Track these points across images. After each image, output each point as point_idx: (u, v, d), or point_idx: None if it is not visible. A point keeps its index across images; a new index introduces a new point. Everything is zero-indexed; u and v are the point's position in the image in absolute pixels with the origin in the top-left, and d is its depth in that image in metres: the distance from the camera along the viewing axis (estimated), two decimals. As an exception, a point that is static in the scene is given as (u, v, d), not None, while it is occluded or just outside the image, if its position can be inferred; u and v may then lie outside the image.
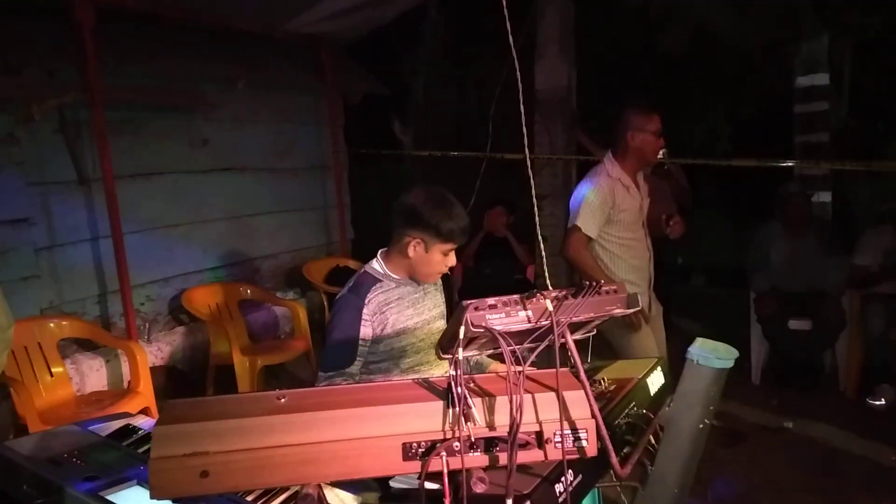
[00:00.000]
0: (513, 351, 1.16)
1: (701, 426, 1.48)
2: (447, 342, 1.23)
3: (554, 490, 1.24)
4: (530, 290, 1.23)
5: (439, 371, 2.07)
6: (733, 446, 3.42)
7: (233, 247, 4.82)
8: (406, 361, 2.06)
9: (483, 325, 1.17)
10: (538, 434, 1.17)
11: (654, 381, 1.77)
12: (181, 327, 4.32)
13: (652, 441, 1.57)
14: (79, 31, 3.36)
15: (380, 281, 2.05)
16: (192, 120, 4.44)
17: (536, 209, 2.41)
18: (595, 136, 5.15)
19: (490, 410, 1.16)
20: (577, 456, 1.20)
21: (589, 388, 1.20)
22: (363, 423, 1.14)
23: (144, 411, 3.10)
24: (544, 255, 2.56)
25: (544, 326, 1.21)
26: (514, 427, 1.13)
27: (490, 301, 1.19)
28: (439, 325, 2.16)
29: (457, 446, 1.13)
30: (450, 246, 1.98)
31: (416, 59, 6.98)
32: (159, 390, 3.51)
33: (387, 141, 6.74)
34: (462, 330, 1.15)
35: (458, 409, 1.12)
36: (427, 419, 1.15)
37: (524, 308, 1.20)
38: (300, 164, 5.43)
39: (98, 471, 1.47)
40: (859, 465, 3.23)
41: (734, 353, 1.46)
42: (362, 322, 1.97)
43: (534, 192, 2.37)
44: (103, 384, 3.64)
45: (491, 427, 1.16)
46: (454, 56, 7.14)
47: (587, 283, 1.24)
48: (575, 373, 1.22)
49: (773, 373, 4.33)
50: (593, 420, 1.19)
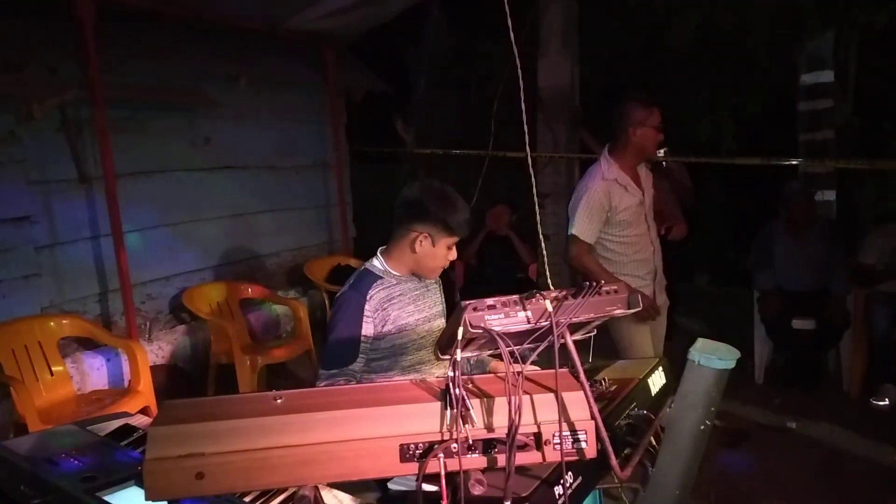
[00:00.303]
0: (511, 351, 1.15)
1: (702, 427, 1.46)
2: (446, 342, 1.22)
3: (553, 492, 1.23)
4: (532, 289, 1.22)
5: (440, 370, 2.06)
6: (736, 446, 3.41)
7: (234, 245, 4.81)
8: (408, 359, 2.05)
9: (482, 325, 1.16)
10: (537, 435, 1.16)
11: (656, 381, 1.75)
12: (182, 326, 4.32)
13: (653, 442, 1.56)
14: (80, 29, 3.35)
15: (381, 278, 2.04)
16: (193, 118, 4.43)
17: (538, 207, 2.39)
18: (597, 134, 5.13)
19: (488, 412, 1.15)
20: (577, 458, 1.18)
21: (588, 389, 1.19)
22: (360, 424, 1.12)
23: (144, 410, 3.09)
24: (545, 253, 2.55)
25: (544, 327, 1.20)
26: (513, 428, 1.11)
27: (489, 301, 1.18)
28: (440, 322, 2.15)
29: (454, 448, 1.12)
30: (455, 239, 2.00)
31: (419, 56, 6.97)
32: (160, 389, 3.51)
33: (389, 139, 6.73)
34: (461, 331, 1.14)
35: (455, 411, 1.11)
36: (425, 420, 1.13)
37: (523, 308, 1.19)
38: (302, 163, 5.42)
39: (95, 471, 1.46)
40: (863, 465, 3.22)
41: (736, 354, 1.45)
42: (364, 319, 1.96)
43: (535, 191, 2.35)
44: (104, 383, 3.64)
45: (489, 428, 1.14)
46: (457, 53, 7.12)
47: (587, 283, 1.23)
48: (574, 374, 1.21)
49: (776, 372, 4.31)
50: (593, 421, 1.18)
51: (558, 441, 1.16)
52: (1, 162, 3.35)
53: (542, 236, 2.54)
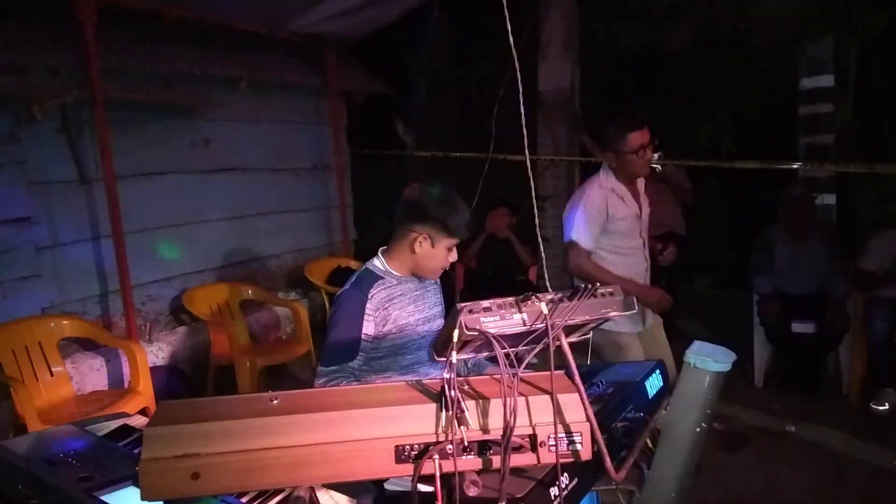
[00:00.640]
0: (507, 354, 1.15)
1: (698, 430, 1.47)
2: (441, 345, 1.23)
3: (548, 494, 1.23)
4: (532, 292, 1.23)
5: (439, 370, 2.07)
6: (735, 450, 3.41)
7: (234, 247, 4.82)
8: (407, 358, 2.06)
9: (477, 327, 1.16)
10: (532, 437, 1.16)
11: (653, 384, 1.75)
12: (182, 327, 4.33)
13: (649, 444, 1.56)
14: (81, 31, 3.37)
15: (382, 278, 2.05)
16: (193, 120, 4.45)
17: (537, 210, 2.40)
18: (598, 137, 5.13)
19: (484, 413, 1.15)
20: (572, 459, 1.18)
21: (584, 391, 1.19)
22: (356, 425, 1.13)
23: (144, 411, 3.10)
24: (544, 256, 2.55)
25: (539, 329, 1.20)
26: (508, 430, 1.12)
27: (484, 304, 1.18)
28: (439, 323, 2.16)
29: (450, 449, 1.12)
30: (454, 241, 2.01)
31: (420, 59, 6.97)
32: (159, 390, 3.52)
33: (389, 141, 6.74)
34: (456, 333, 1.14)
35: (451, 412, 1.11)
36: (420, 422, 1.14)
37: (519, 311, 1.19)
38: (302, 165, 5.43)
39: (93, 471, 1.47)
40: (862, 469, 3.21)
41: (732, 357, 1.45)
42: (365, 317, 1.97)
43: (534, 194, 2.36)
44: (104, 384, 3.64)
45: (484, 430, 1.15)
46: (458, 56, 7.13)
47: (583, 285, 1.23)
48: (570, 375, 1.21)
49: (776, 376, 4.31)
50: (588, 423, 1.18)
51: (553, 443, 1.16)
52: (1, 163, 3.37)
53: (541, 239, 2.54)
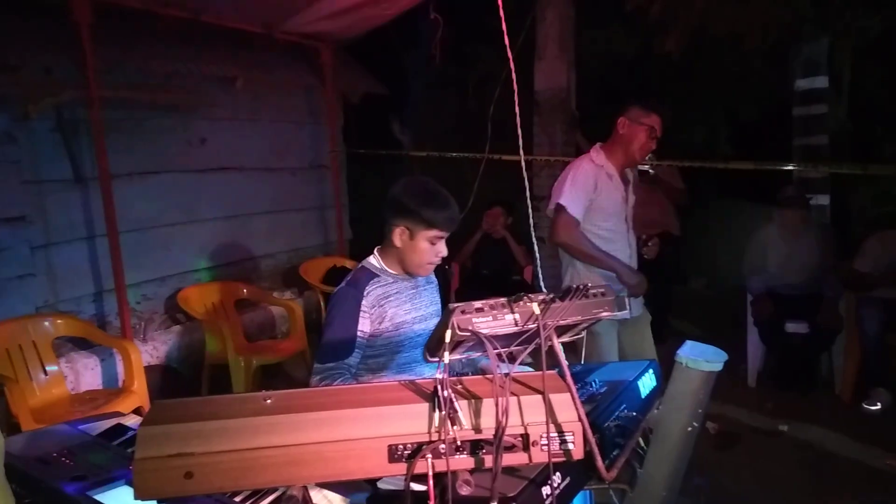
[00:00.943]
0: (499, 354, 1.16)
1: (689, 429, 1.48)
2: (434, 345, 1.23)
3: (541, 492, 1.24)
4: (528, 292, 1.23)
5: (433, 368, 2.07)
6: (727, 449, 3.42)
7: (230, 246, 4.82)
8: (403, 356, 2.06)
9: (469, 328, 1.17)
10: (524, 436, 1.17)
11: (646, 383, 1.76)
12: (177, 326, 4.32)
13: (641, 443, 1.57)
14: (76, 29, 3.36)
15: (378, 276, 2.05)
16: (189, 119, 4.44)
17: (533, 210, 2.41)
18: (593, 138, 5.13)
19: (476, 413, 1.16)
20: (564, 459, 1.19)
21: (575, 390, 1.20)
22: (349, 424, 1.13)
23: (138, 410, 3.10)
24: (538, 256, 2.55)
25: (531, 329, 1.21)
26: (500, 430, 1.12)
27: (477, 304, 1.19)
28: (436, 321, 2.16)
29: (442, 448, 1.13)
30: (434, 233, 1.97)
31: (416, 59, 6.97)
32: (154, 390, 3.51)
33: (386, 141, 6.74)
34: (448, 333, 1.15)
35: (444, 412, 1.12)
36: (413, 421, 1.14)
37: (511, 311, 1.20)
38: (298, 164, 5.43)
39: (86, 470, 1.47)
40: (854, 468, 3.23)
41: (723, 357, 1.46)
42: (361, 314, 1.97)
43: (528, 194, 2.36)
44: (98, 383, 3.64)
45: (477, 430, 1.15)
46: (454, 56, 7.13)
47: (574, 286, 1.24)
48: (562, 375, 1.22)
49: (769, 375, 4.33)
50: (580, 423, 1.19)
51: (546, 442, 1.17)
52: (-4, 162, 3.37)
53: (537, 239, 2.54)
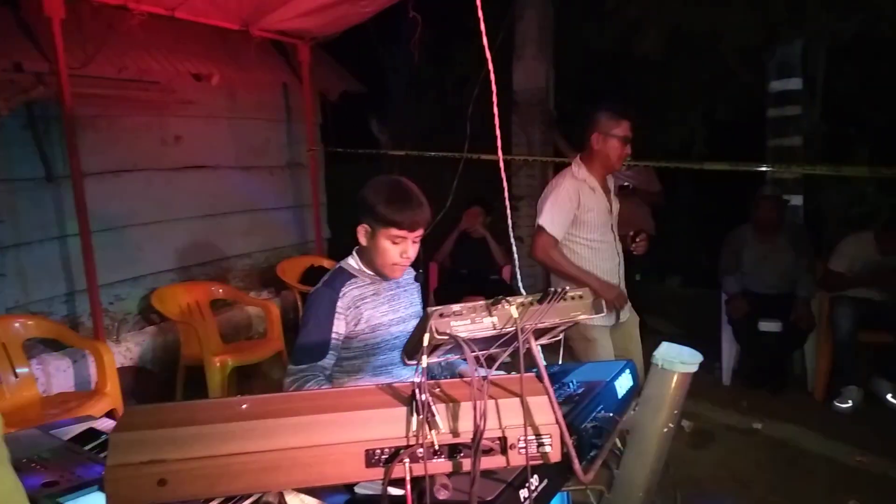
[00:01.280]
0: (477, 357, 1.16)
1: (665, 430, 1.49)
2: (412, 348, 1.23)
3: (518, 495, 1.24)
4: (507, 291, 1.23)
5: (411, 371, 2.06)
6: (702, 447, 3.46)
7: (205, 245, 4.76)
8: (380, 359, 2.04)
9: (447, 331, 1.16)
10: (502, 440, 1.17)
11: (623, 384, 1.77)
12: (151, 327, 4.26)
13: (618, 444, 1.58)
14: (48, 25, 3.29)
15: (355, 277, 2.04)
16: (164, 116, 4.38)
17: (509, 210, 2.40)
18: (571, 137, 5.16)
19: (454, 417, 1.16)
20: (541, 461, 1.19)
21: (553, 393, 1.20)
22: (325, 429, 1.12)
23: (111, 413, 3.05)
24: (517, 255, 2.56)
25: (510, 333, 1.21)
26: (478, 433, 1.12)
27: (455, 307, 1.18)
28: (415, 323, 2.15)
29: (420, 453, 1.12)
30: (394, 231, 1.93)
31: (395, 57, 6.95)
32: (127, 391, 3.46)
33: (364, 139, 6.71)
34: (426, 337, 1.15)
35: (421, 416, 1.11)
36: (390, 425, 1.14)
37: (489, 314, 1.20)
38: (275, 163, 5.38)
39: (58, 476, 1.44)
40: (826, 465, 3.29)
41: (698, 358, 1.48)
42: (336, 315, 1.96)
43: (506, 193, 2.36)
44: (70, 385, 3.57)
45: (455, 433, 1.15)
46: (433, 55, 7.13)
47: (552, 289, 1.24)
48: (539, 378, 1.22)
49: (743, 374, 4.39)
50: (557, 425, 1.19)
51: (523, 445, 1.17)
52: (-35, 160, 3.29)
53: (515, 238, 2.54)
